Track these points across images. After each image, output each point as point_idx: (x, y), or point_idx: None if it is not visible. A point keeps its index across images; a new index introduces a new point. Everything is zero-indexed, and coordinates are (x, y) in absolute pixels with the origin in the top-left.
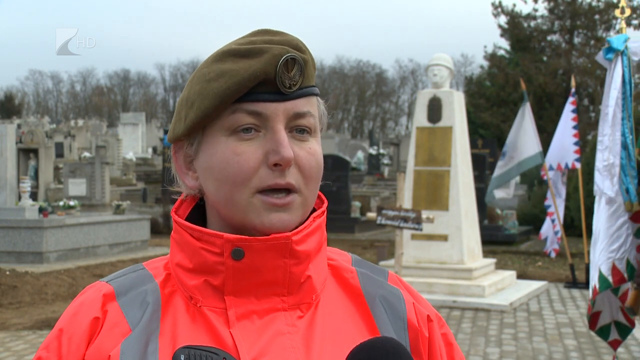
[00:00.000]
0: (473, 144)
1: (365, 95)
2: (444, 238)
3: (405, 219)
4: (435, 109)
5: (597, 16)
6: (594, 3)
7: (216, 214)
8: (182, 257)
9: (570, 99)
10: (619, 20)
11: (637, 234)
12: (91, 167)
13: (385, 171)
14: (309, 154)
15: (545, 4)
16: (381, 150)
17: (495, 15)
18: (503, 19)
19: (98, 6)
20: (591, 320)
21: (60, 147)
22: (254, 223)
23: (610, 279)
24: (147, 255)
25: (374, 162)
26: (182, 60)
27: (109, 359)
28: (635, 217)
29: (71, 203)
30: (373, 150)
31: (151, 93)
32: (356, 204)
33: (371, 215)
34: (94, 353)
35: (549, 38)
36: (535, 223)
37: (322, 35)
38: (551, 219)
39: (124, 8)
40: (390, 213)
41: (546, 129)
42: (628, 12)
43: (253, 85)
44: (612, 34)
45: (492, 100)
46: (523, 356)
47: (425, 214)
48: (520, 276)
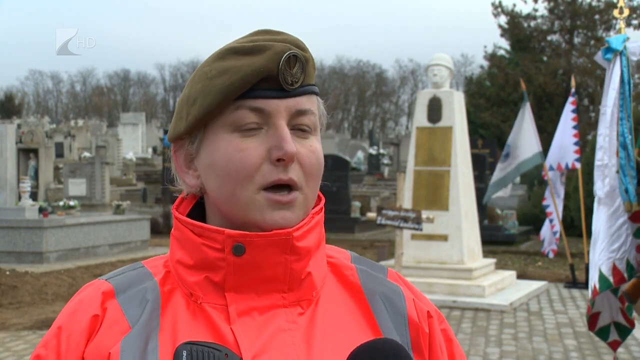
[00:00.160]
0: (473, 144)
1: (365, 95)
2: (444, 238)
3: (405, 219)
4: (435, 109)
5: (597, 16)
6: (594, 3)
7: (217, 212)
8: (183, 254)
9: (570, 99)
10: (619, 20)
11: (637, 234)
12: (91, 167)
13: (385, 171)
14: (310, 152)
15: (545, 4)
16: (381, 150)
17: (495, 15)
18: (503, 19)
19: (98, 6)
20: (590, 320)
21: (60, 147)
22: (256, 220)
23: (610, 279)
24: (147, 255)
25: (374, 162)
26: (182, 60)
27: (109, 356)
28: (634, 217)
29: (71, 203)
30: (373, 150)
31: (151, 93)
32: (356, 204)
33: (371, 215)
34: (93, 351)
35: (549, 38)
36: (535, 223)
37: (322, 35)
38: (549, 219)
39: (124, 8)
40: (390, 213)
41: (546, 129)
42: (627, 13)
43: (256, 81)
44: (612, 34)
45: (492, 100)
46: (523, 356)
47: (425, 214)
48: (520, 276)
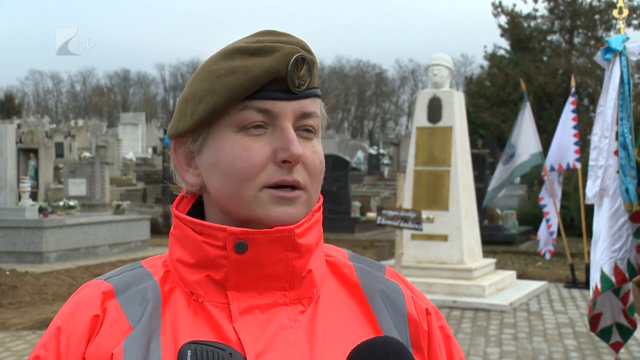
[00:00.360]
0: (473, 144)
1: (365, 95)
2: (444, 238)
3: (405, 219)
4: (435, 109)
5: (597, 16)
6: (594, 3)
7: (218, 210)
8: (183, 253)
9: (570, 99)
10: (618, 20)
11: (637, 234)
12: (91, 167)
13: (385, 171)
14: (314, 153)
15: (545, 4)
16: (381, 150)
17: (495, 15)
18: (503, 19)
19: (98, 6)
20: (592, 322)
21: (60, 147)
22: (260, 216)
23: (613, 279)
24: (147, 255)
25: (374, 162)
26: (182, 60)
27: (112, 357)
28: (634, 217)
29: (71, 203)
30: (373, 150)
31: (151, 93)
32: (356, 204)
33: (371, 215)
34: (94, 351)
35: (549, 38)
36: (535, 223)
37: (322, 35)
38: (546, 218)
39: (124, 8)
40: (390, 213)
41: (546, 129)
42: (626, 13)
43: (264, 82)
44: (612, 34)
45: (492, 100)
46: (523, 356)
47: (425, 214)
48: (520, 276)
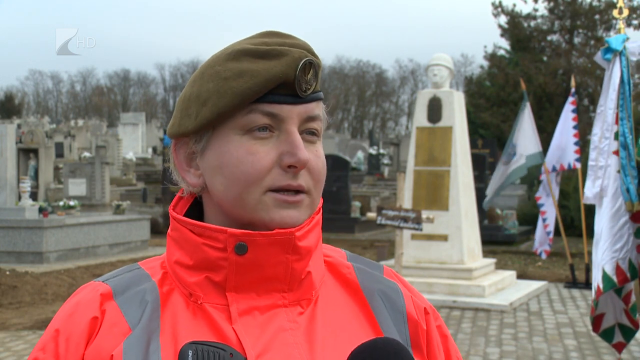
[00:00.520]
0: (473, 144)
1: (365, 95)
2: (444, 238)
3: (405, 219)
4: (435, 109)
5: (597, 16)
6: (594, 3)
7: (218, 211)
8: (181, 255)
9: (570, 99)
10: (618, 20)
11: (637, 234)
12: (91, 167)
13: (385, 171)
14: (317, 157)
15: (545, 4)
16: (381, 150)
17: (495, 15)
18: (503, 19)
19: (98, 6)
20: (595, 322)
21: (60, 147)
22: (263, 219)
23: (614, 278)
24: (147, 255)
25: (374, 162)
26: (182, 60)
27: (112, 358)
28: (635, 217)
29: (71, 203)
30: (373, 150)
31: (151, 93)
32: (356, 204)
33: (371, 215)
34: (93, 353)
35: (549, 38)
36: (535, 223)
37: (322, 35)
38: (543, 218)
39: (124, 8)
40: (390, 213)
41: (546, 129)
42: (626, 13)
43: (273, 87)
44: (612, 34)
45: (492, 100)
46: (523, 356)
47: (425, 214)
48: (520, 276)
